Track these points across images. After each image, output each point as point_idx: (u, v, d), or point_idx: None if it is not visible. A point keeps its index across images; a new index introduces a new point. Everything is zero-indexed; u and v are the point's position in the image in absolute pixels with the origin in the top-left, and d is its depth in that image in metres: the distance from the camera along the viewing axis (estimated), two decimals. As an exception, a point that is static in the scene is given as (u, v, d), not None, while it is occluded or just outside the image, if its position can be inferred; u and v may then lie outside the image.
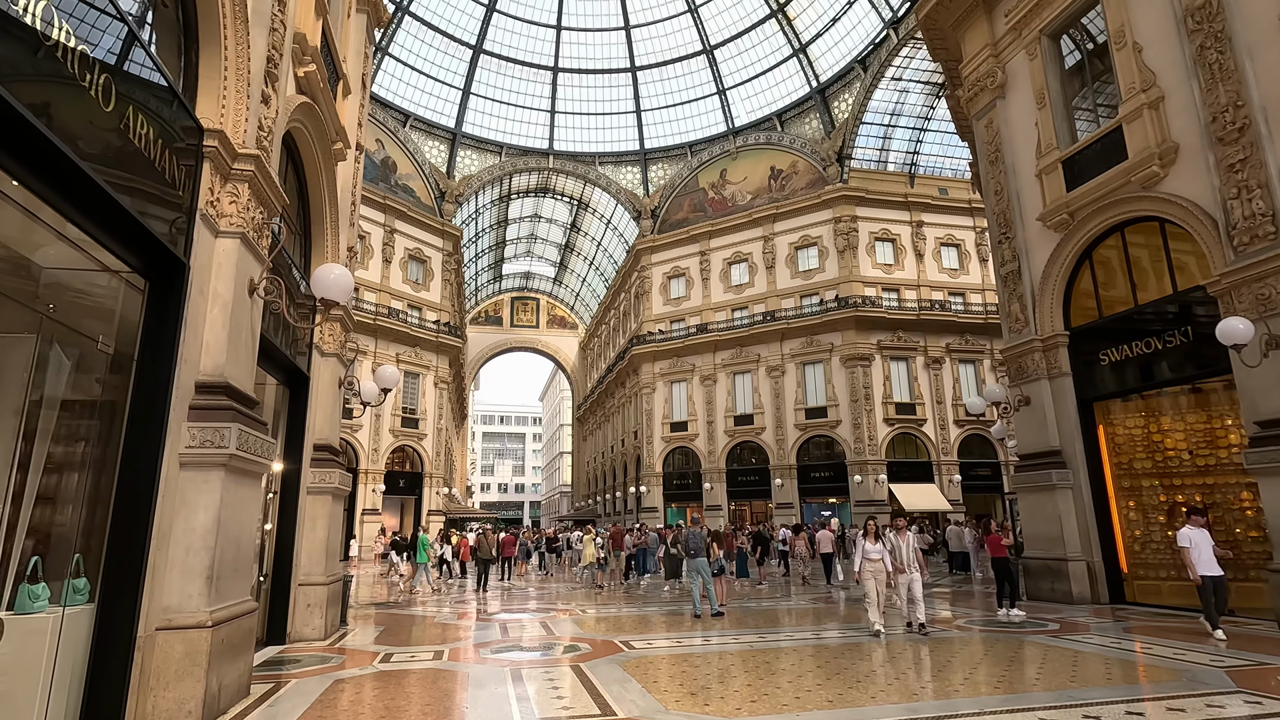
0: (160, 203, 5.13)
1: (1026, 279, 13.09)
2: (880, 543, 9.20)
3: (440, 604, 14.10)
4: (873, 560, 9.04)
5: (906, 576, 9.15)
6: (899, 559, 9.21)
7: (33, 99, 3.49)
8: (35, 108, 3.49)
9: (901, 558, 9.22)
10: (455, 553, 20.61)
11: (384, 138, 39.61)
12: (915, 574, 9.16)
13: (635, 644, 8.41)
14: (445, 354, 39.82)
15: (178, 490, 5.29)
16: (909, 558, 9.23)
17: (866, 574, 8.98)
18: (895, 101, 38.66)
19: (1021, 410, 12.81)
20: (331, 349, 10.03)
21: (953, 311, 37.36)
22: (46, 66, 3.67)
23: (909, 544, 9.33)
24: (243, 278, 6.02)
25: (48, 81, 3.71)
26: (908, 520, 11.04)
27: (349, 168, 10.85)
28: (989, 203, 14.22)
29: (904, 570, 9.16)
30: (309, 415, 9.45)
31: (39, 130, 3.51)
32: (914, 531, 9.84)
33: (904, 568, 9.15)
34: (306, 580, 9.09)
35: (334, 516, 9.72)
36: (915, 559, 9.26)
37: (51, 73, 3.72)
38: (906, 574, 9.15)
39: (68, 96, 3.88)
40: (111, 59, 4.34)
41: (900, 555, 9.24)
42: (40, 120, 3.51)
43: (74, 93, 3.91)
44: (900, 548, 9.26)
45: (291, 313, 7.38)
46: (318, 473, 9.43)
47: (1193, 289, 10.38)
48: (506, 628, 10.18)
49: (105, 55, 4.25)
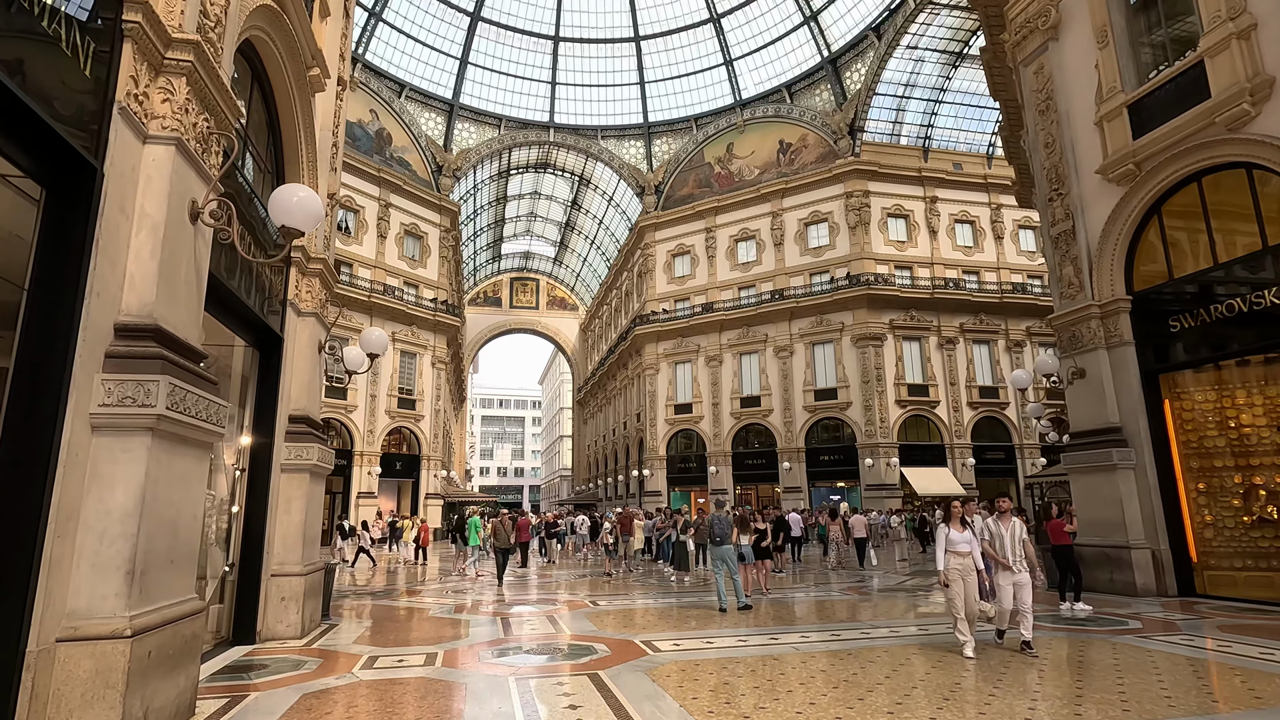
0: (64, 88, 3.90)
1: (1082, 239, 11.86)
2: (969, 530, 6.99)
3: (440, 594, 12.99)
4: (960, 554, 6.86)
5: (1012, 577, 6.98)
6: (1001, 552, 7.06)
7: None
8: None
9: (1005, 550, 7.04)
10: (416, 536, 19.63)
11: (378, 108, 38.12)
12: (1024, 573, 7.00)
13: (660, 645, 7.27)
14: (443, 333, 38.57)
15: (88, 461, 4.09)
16: (1015, 550, 7.05)
17: (952, 572, 6.84)
18: (910, 72, 37.18)
19: (1075, 384, 11.63)
20: (310, 307, 8.80)
21: (967, 290, 36.15)
22: None
23: (1014, 533, 7.10)
24: (180, 197, 4.78)
25: None
26: (973, 505, 8.30)
27: (329, 102, 9.57)
28: (1037, 158, 12.95)
29: (1009, 568, 6.98)
30: (283, 382, 8.23)
31: None
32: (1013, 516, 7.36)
33: (1009, 564, 6.98)
34: (280, 570, 7.93)
35: (313, 498, 8.54)
36: (1025, 553, 7.13)
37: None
38: (1012, 573, 6.98)
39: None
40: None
41: (1003, 547, 7.07)
42: None
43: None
44: (1003, 537, 7.10)
45: (255, 253, 6.16)
46: (293, 447, 8.24)
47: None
48: (509, 623, 9.04)
49: None
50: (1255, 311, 9.56)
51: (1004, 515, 7.25)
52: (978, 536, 7.00)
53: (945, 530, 7.03)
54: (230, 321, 7.26)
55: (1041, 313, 36.80)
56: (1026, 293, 36.82)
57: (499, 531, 14.46)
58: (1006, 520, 7.21)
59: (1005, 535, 7.12)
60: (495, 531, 14.53)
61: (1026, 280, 37.68)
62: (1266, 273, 9.50)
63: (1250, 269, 9.73)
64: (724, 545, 10.12)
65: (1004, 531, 7.13)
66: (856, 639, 7.50)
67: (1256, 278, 9.61)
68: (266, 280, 7.85)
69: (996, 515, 7.28)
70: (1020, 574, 6.96)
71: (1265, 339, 9.62)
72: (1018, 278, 37.61)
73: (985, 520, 7.33)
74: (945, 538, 6.98)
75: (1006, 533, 7.12)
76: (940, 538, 7.03)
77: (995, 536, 7.15)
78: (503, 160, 46.35)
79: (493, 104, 43.53)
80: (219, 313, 6.90)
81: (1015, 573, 6.98)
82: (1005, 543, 7.10)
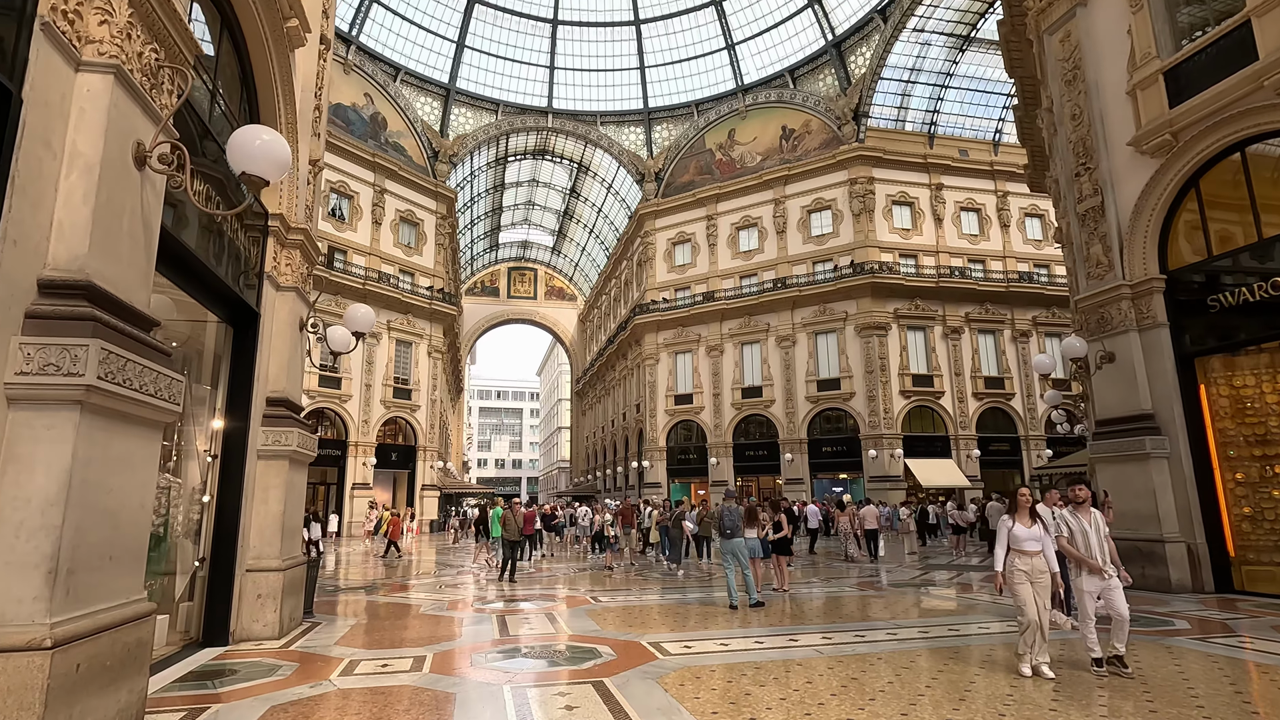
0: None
1: (1111, 215, 11.21)
2: (1038, 524, 5.71)
3: (433, 589, 12.39)
4: (1027, 553, 5.60)
5: (1100, 582, 5.66)
6: (1086, 551, 5.75)
7: None
8: None
9: (1091, 549, 5.74)
10: (385, 529, 18.98)
11: (373, 92, 37.29)
12: (1113, 575, 5.67)
13: (668, 647, 6.65)
14: (439, 322, 37.89)
15: (3, 440, 3.45)
16: (1103, 549, 5.74)
17: (1017, 576, 5.57)
18: (916, 56, 36.41)
19: (1104, 368, 11.00)
20: (290, 281, 8.14)
21: (973, 279, 35.50)
22: None
23: (1098, 526, 5.82)
24: (121, 136, 4.12)
25: None
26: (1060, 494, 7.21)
27: (310, 61, 8.87)
28: (1063, 131, 12.28)
29: (1099, 571, 5.66)
30: (259, 361, 7.58)
31: None
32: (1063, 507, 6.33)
33: (1098, 566, 5.67)
34: (256, 565, 7.30)
35: (293, 486, 7.90)
36: (1110, 550, 5.81)
37: None
38: (1101, 578, 5.66)
39: None
40: None
41: (1087, 546, 5.75)
42: None
43: None
44: (1085, 533, 5.79)
45: (213, 205, 5.50)
46: (271, 432, 7.59)
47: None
48: (505, 622, 8.41)
49: None
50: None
51: (1081, 506, 5.97)
52: (1049, 531, 5.81)
53: (1008, 523, 5.72)
54: (199, 293, 6.60)
55: (1049, 302, 36.25)
56: (1033, 282, 36.22)
57: (509, 522, 13.55)
58: (1085, 512, 5.92)
59: (1089, 530, 5.80)
60: (505, 522, 13.64)
61: (1033, 269, 37.07)
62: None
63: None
64: (733, 538, 9.50)
65: (1086, 525, 5.82)
66: (883, 641, 6.88)
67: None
68: (242, 251, 7.19)
69: (1071, 506, 6.07)
70: (1110, 575, 5.67)
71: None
72: (1024, 266, 36.98)
73: (1060, 512, 6.20)
74: (1008, 532, 5.68)
75: (1090, 527, 5.81)
76: (1002, 532, 5.73)
77: (1077, 533, 5.84)
78: (500, 146, 45.54)
79: (490, 89, 42.71)
80: (186, 282, 6.25)
81: (1105, 577, 5.65)
82: (1091, 540, 5.76)
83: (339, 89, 35.36)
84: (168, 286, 6.37)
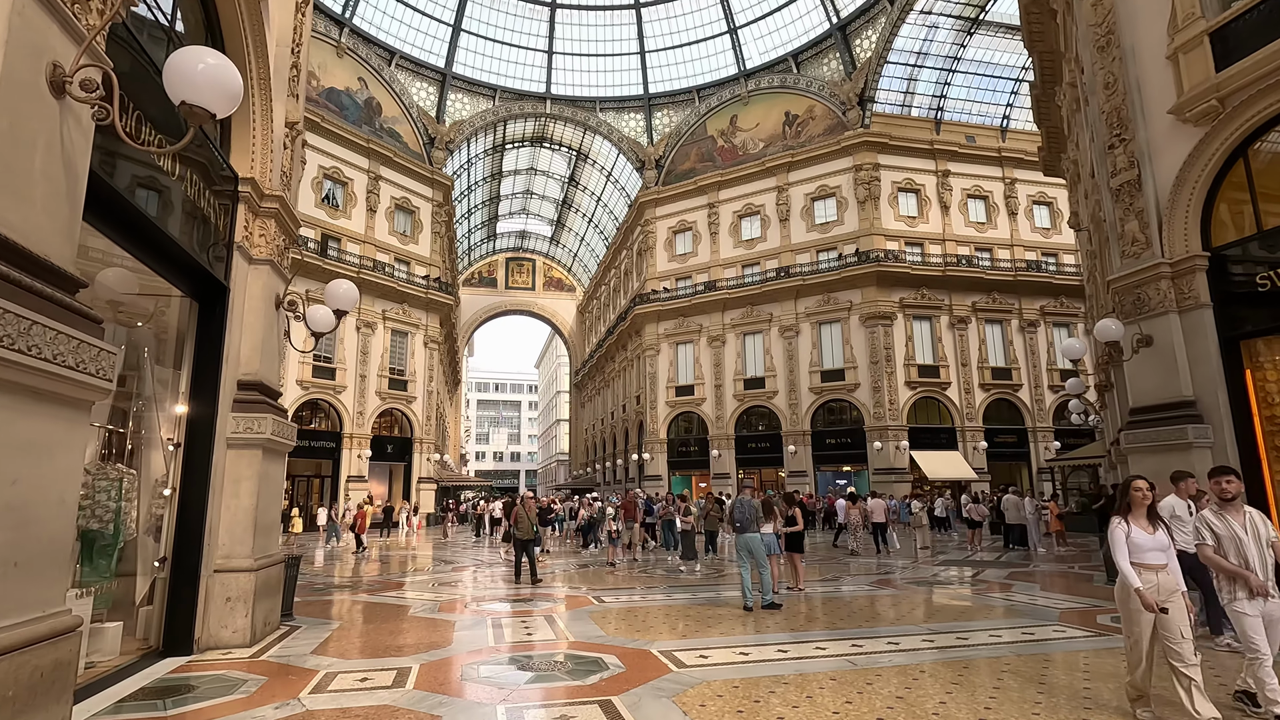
0: None
1: (1149, 189, 10.48)
2: (1161, 528, 4.42)
3: (425, 587, 11.71)
4: (1150, 567, 4.30)
5: (1262, 605, 4.34)
6: (1237, 561, 4.43)
7: None
8: None
9: (1251, 560, 4.40)
10: (352, 524, 18.23)
11: (367, 76, 36.40)
12: (1277, 596, 4.40)
13: (682, 657, 5.97)
14: (436, 312, 37.13)
15: None
16: (1263, 558, 4.42)
17: (1131, 600, 4.24)
18: (923, 39, 35.59)
19: (1140, 353, 10.30)
20: (264, 254, 7.41)
21: (980, 268, 34.78)
22: None
23: (1256, 530, 4.49)
24: (27, 51, 3.39)
25: None
26: None
27: (287, 13, 8.10)
28: (1095, 102, 11.54)
29: (1262, 589, 4.33)
30: (229, 339, 6.86)
31: None
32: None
33: (1261, 584, 4.33)
34: (225, 565, 6.60)
35: (268, 478, 7.20)
36: (1275, 561, 4.48)
37: None
38: (1263, 598, 4.34)
39: None
40: None
41: (1243, 555, 4.42)
42: None
43: None
44: (1238, 540, 4.46)
45: (150, 139, 4.77)
46: (243, 419, 6.88)
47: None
48: (501, 627, 7.72)
49: None
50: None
51: (1231, 504, 4.57)
52: (1176, 541, 4.55)
53: (1124, 529, 4.36)
54: (156, 262, 5.88)
55: (1057, 291, 35.57)
56: (1041, 270, 35.52)
57: (521, 519, 12.22)
58: (1237, 511, 4.53)
59: (1243, 536, 4.43)
60: (517, 519, 12.36)
61: (1041, 258, 36.38)
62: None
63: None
64: (746, 533, 8.82)
65: (1238, 529, 4.45)
66: (922, 650, 6.21)
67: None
68: (208, 217, 6.47)
69: (1216, 503, 4.69)
70: (1275, 597, 4.35)
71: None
72: (1032, 255, 36.29)
73: (1202, 513, 4.76)
74: (1126, 539, 4.33)
75: (1245, 532, 4.44)
76: (1118, 539, 4.35)
77: (1227, 539, 4.49)
78: (497, 133, 44.67)
79: (487, 74, 41.81)
80: (138, 248, 5.53)
81: (1270, 597, 4.33)
82: (1248, 549, 4.40)
83: (332, 72, 34.52)
84: (124, 257, 5.68)
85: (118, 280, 6.29)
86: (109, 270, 6.22)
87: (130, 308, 6.84)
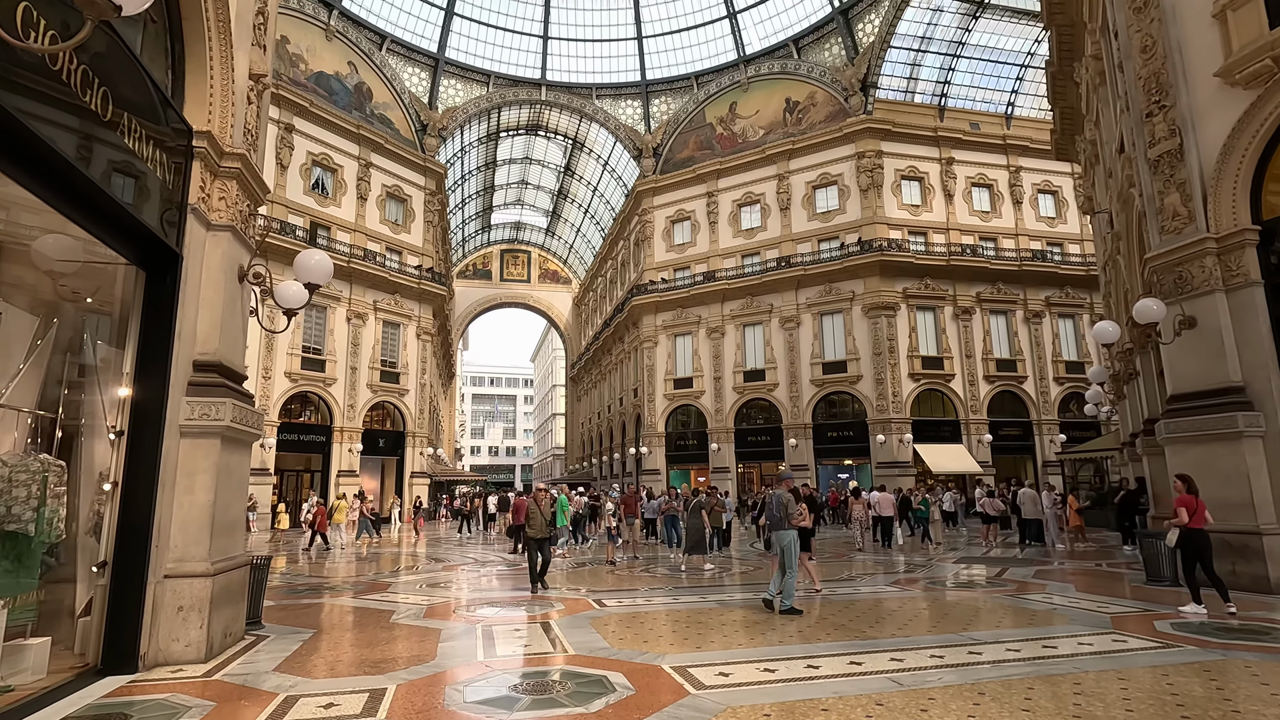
0: None
1: (1192, 159, 9.74)
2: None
3: (416, 588, 10.94)
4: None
5: None
6: None
7: None
8: None
9: None
10: (312, 522, 17.38)
11: (357, 60, 35.43)
12: None
13: (700, 675, 5.20)
14: (429, 303, 36.24)
15: None
16: None
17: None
18: (927, 23, 34.78)
19: (1183, 335, 9.57)
20: (224, 219, 6.59)
21: (985, 257, 34.06)
22: None
23: None
24: None
25: None
26: None
27: (250, -47, 7.26)
28: (1130, 67, 10.78)
29: None
30: (182, 314, 6.05)
31: None
32: None
33: None
34: (177, 570, 5.81)
35: (229, 471, 6.40)
36: None
37: None
38: None
39: None
40: None
41: None
42: None
43: None
44: None
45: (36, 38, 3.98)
46: (199, 404, 6.08)
47: None
48: (492, 636, 6.94)
49: None
50: None
51: None
52: None
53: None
54: (93, 223, 5.07)
55: (1062, 281, 34.87)
56: (1046, 260, 34.82)
57: (533, 515, 10.54)
58: None
59: None
60: (529, 516, 10.64)
61: (1046, 247, 35.67)
62: None
63: None
64: (779, 530, 8.06)
65: None
66: (970, 663, 5.44)
67: None
68: (157, 175, 5.65)
69: None
70: None
71: None
72: (1037, 245, 35.58)
73: None
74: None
75: None
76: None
77: None
78: (491, 120, 43.71)
79: (481, 59, 40.84)
80: (67, 205, 4.72)
81: None
82: None
83: (321, 56, 33.56)
84: (65, 224, 4.89)
85: (56, 248, 5.50)
86: (46, 237, 5.43)
87: (74, 281, 6.04)
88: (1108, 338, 10.85)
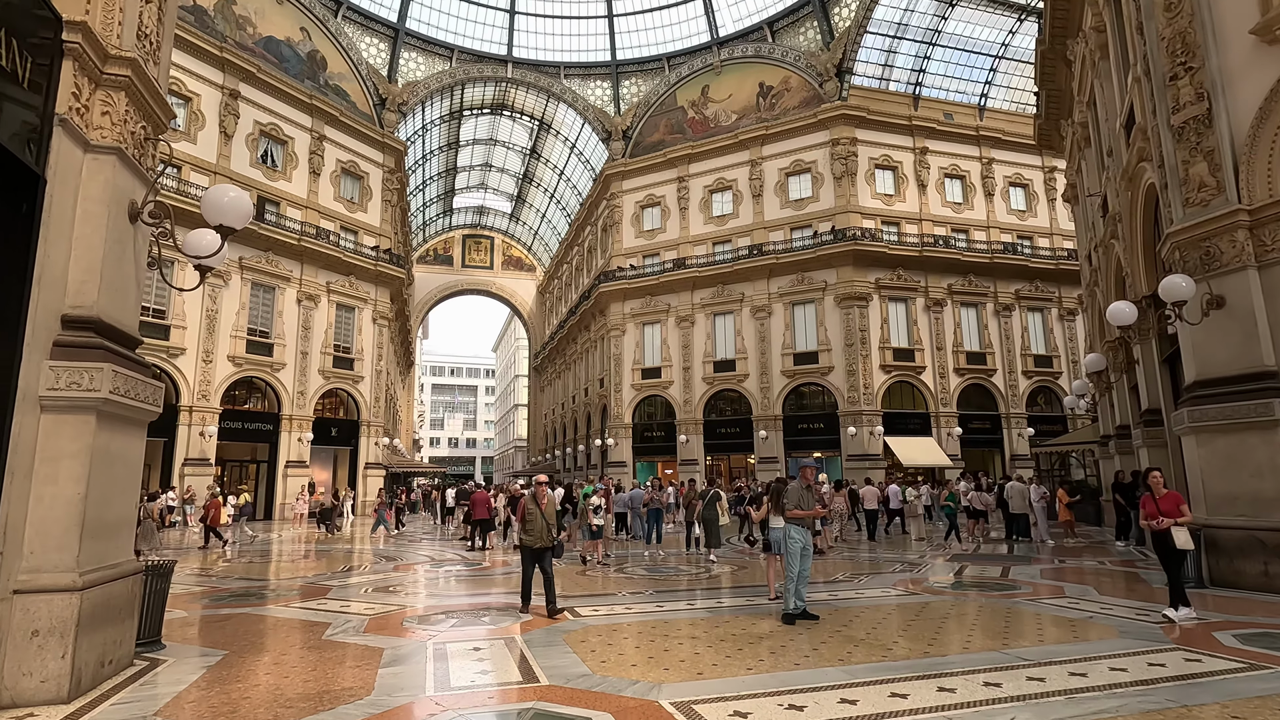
0: None
1: (1222, 125, 8.97)
2: None
3: (360, 592, 9.64)
4: None
5: None
6: None
7: None
8: None
9: None
10: (204, 516, 15.99)
11: (310, 26, 33.38)
12: None
13: (707, 715, 4.11)
14: (386, 286, 34.48)
15: None
16: None
17: None
18: (904, 9, 34.17)
19: (1211, 315, 8.82)
20: (108, 139, 5.23)
21: (957, 249, 33.69)
22: None
23: None
24: None
25: None
26: None
27: None
28: (1152, 26, 9.98)
29: None
30: (43, 253, 4.71)
31: None
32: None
33: None
34: (31, 584, 4.49)
35: (111, 457, 5.07)
36: None
37: None
38: None
39: None
40: None
41: None
42: None
43: None
44: None
45: None
46: (68, 370, 4.74)
47: None
48: (446, 657, 5.74)
49: None
50: None
51: None
52: None
53: None
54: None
55: (1032, 275, 34.75)
56: (1017, 253, 34.65)
57: (532, 518, 8.02)
58: None
59: None
60: (527, 520, 8.07)
61: (1017, 240, 35.51)
62: None
63: None
64: (800, 526, 7.05)
65: None
66: (1036, 696, 4.45)
67: None
68: (5, 68, 4.30)
69: None
70: None
71: None
72: (1007, 237, 35.38)
73: None
74: None
75: None
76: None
77: None
78: (454, 98, 41.89)
79: (444, 31, 39.01)
80: None
81: None
82: None
83: (271, 20, 31.46)
84: None
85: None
86: None
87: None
88: (1124, 319, 10.07)
